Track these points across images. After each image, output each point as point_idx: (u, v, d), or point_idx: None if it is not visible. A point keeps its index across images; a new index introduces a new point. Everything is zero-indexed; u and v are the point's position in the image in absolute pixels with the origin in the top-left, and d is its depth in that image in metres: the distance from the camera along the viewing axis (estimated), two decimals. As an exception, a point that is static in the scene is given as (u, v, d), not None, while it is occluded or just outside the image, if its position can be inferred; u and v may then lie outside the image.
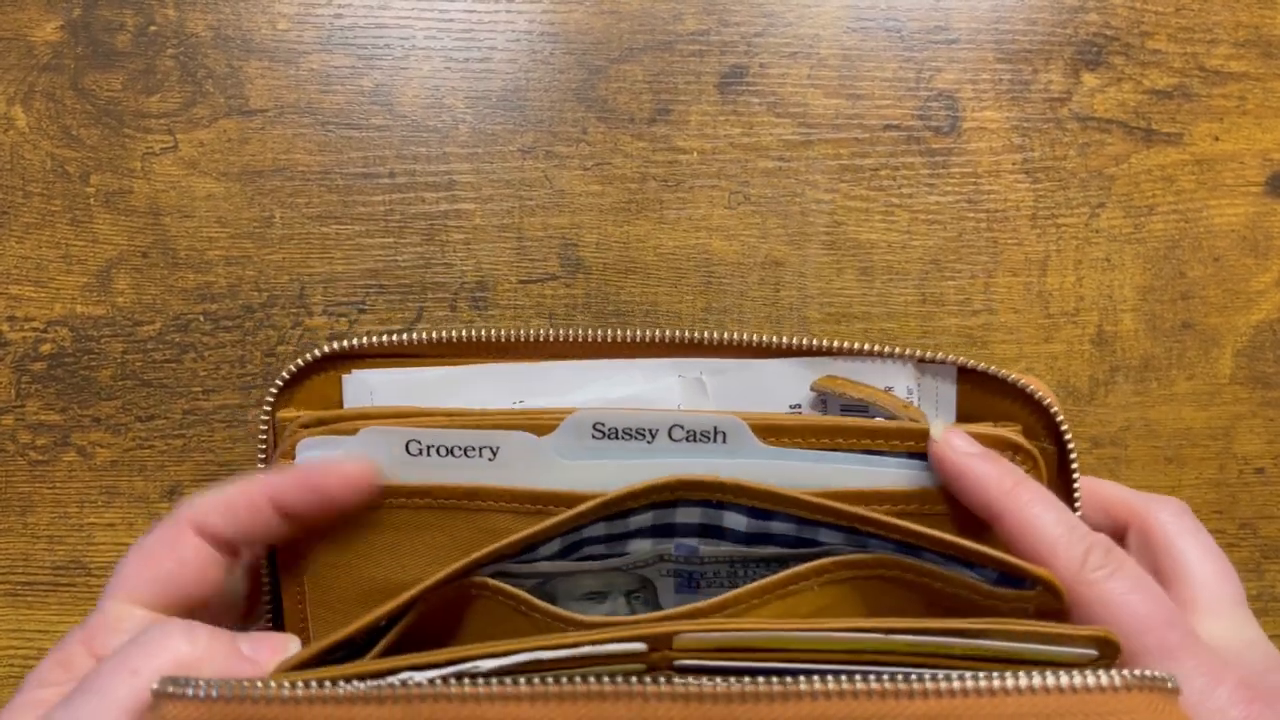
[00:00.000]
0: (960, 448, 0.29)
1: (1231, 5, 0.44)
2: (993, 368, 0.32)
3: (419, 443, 0.29)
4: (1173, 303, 0.44)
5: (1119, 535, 0.31)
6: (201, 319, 0.42)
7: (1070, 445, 0.32)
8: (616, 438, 0.29)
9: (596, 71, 0.42)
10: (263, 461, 0.32)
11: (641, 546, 0.30)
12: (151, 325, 0.42)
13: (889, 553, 0.28)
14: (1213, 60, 0.44)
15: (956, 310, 0.43)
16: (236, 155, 0.42)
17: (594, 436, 0.29)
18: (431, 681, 0.22)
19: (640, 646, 0.24)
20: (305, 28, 0.42)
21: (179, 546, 0.29)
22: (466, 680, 0.22)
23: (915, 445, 0.30)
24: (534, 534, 0.27)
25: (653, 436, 0.29)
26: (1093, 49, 0.44)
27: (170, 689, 0.22)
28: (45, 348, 0.42)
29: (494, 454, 0.29)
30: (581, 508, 0.27)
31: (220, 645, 0.26)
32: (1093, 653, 0.25)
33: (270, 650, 0.27)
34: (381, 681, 0.22)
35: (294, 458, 0.29)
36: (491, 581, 0.28)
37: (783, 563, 0.29)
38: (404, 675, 0.23)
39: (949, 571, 0.28)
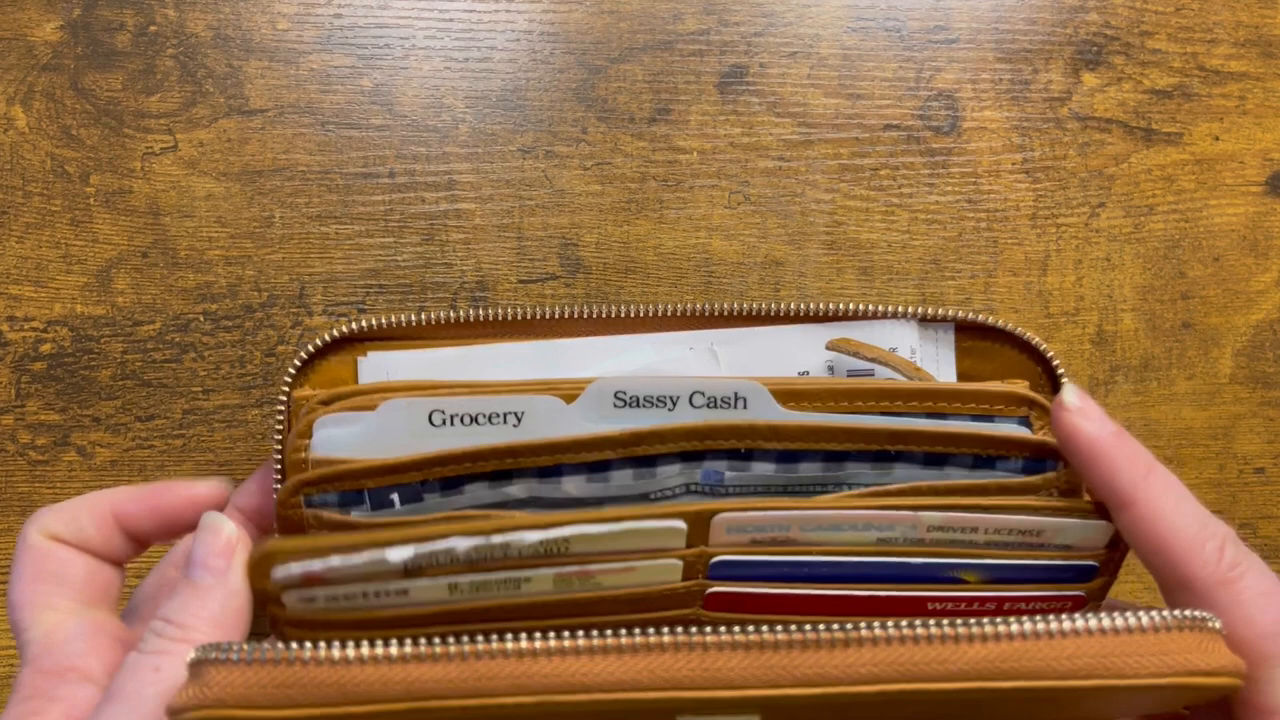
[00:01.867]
0: (1097, 421, 0.27)
1: (1231, 5, 0.44)
2: (991, 318, 0.33)
3: (442, 412, 0.28)
4: (1173, 302, 0.44)
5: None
6: (201, 319, 0.42)
7: (1063, 379, 0.33)
8: (638, 405, 0.29)
9: (596, 71, 0.42)
10: (279, 442, 0.32)
11: (669, 470, 0.30)
12: (151, 325, 0.42)
13: (919, 480, 0.28)
14: (1213, 60, 0.44)
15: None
16: (236, 155, 0.42)
17: (615, 405, 0.29)
18: (487, 638, 0.22)
19: (680, 525, 0.24)
20: (305, 28, 0.42)
21: (47, 560, 0.29)
22: (524, 637, 0.22)
23: (933, 406, 0.30)
24: (557, 443, 0.27)
25: (674, 404, 0.29)
26: (1093, 49, 0.44)
27: (213, 654, 0.22)
28: (45, 348, 0.42)
29: (519, 420, 0.29)
30: (608, 432, 0.27)
31: (203, 605, 0.25)
32: (1109, 525, 0.26)
33: (216, 555, 0.26)
34: (435, 642, 0.22)
35: (311, 436, 0.29)
36: (519, 515, 0.27)
37: (810, 491, 0.29)
38: (450, 542, 0.23)
39: (979, 480, 0.28)
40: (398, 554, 0.23)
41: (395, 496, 0.28)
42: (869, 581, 0.26)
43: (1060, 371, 0.34)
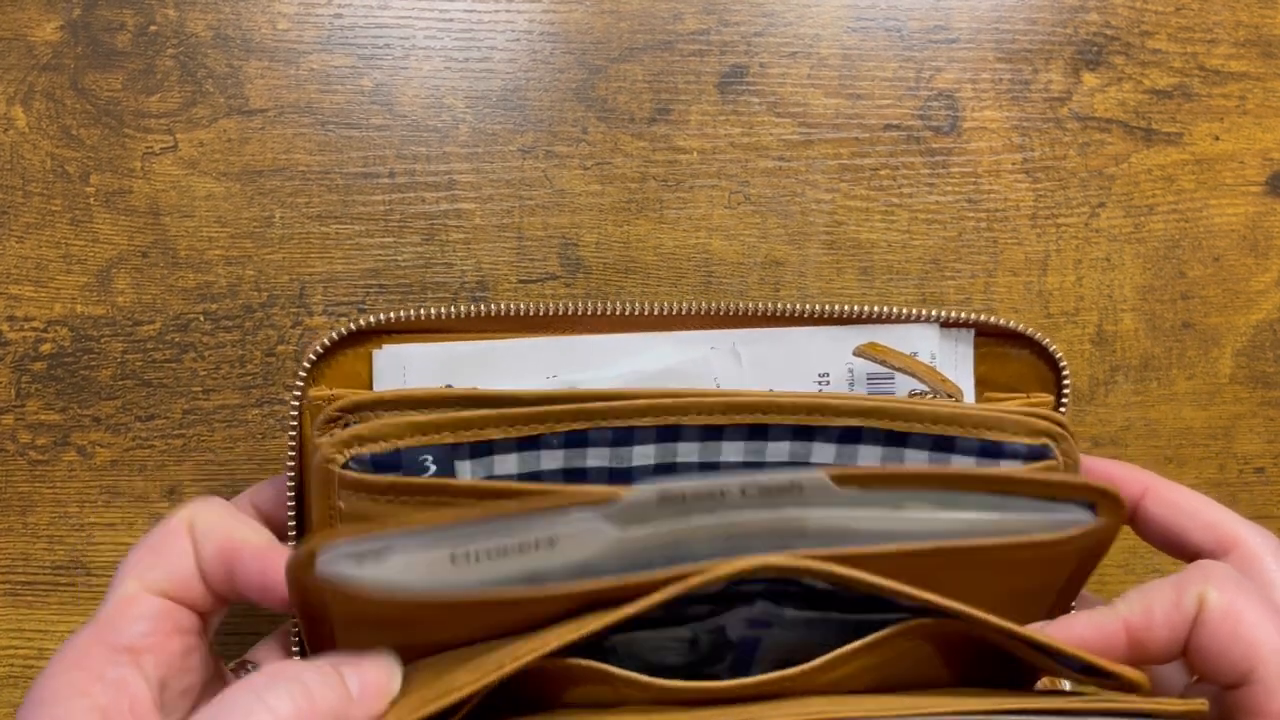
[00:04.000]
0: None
1: (1231, 5, 0.44)
2: (1011, 322, 0.34)
3: (466, 554, 0.25)
4: (1173, 302, 0.44)
5: (1219, 555, 0.31)
6: (201, 319, 0.42)
7: (1065, 396, 0.34)
8: (684, 503, 0.26)
9: (596, 71, 0.42)
10: (292, 450, 0.32)
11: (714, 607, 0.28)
12: (151, 325, 0.42)
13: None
14: (1213, 60, 0.44)
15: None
16: (236, 155, 0.42)
17: (659, 505, 0.26)
18: None
19: None
20: (305, 28, 0.42)
21: (181, 540, 0.29)
22: None
23: (1000, 489, 0.28)
24: (638, 610, 0.25)
25: (723, 496, 0.26)
26: (1093, 49, 0.44)
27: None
28: (45, 348, 0.42)
29: (552, 545, 0.26)
30: (653, 598, 0.25)
31: (333, 693, 0.25)
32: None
33: (375, 690, 0.26)
34: None
35: (313, 568, 0.26)
36: (585, 663, 0.26)
37: (860, 628, 0.28)
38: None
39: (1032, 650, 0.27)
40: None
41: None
42: None
43: (1066, 382, 0.34)
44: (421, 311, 0.33)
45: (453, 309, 0.33)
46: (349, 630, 0.26)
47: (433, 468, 0.29)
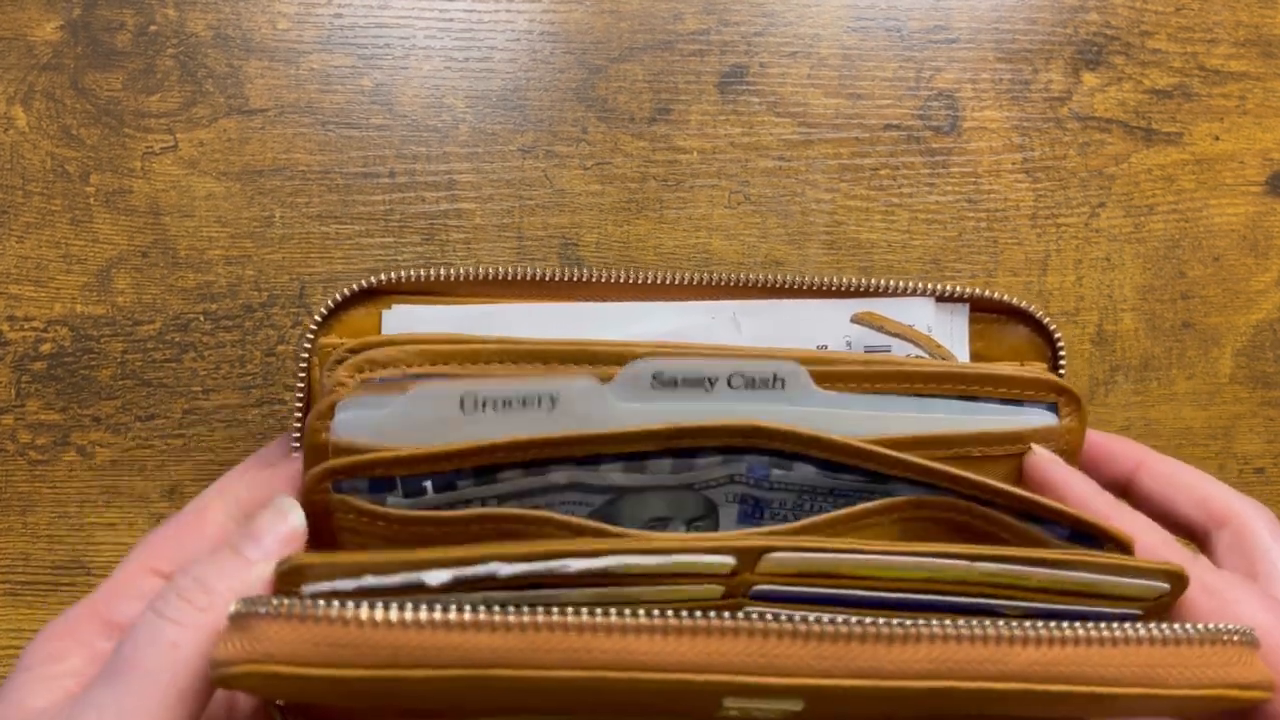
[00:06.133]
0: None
1: (1231, 5, 0.44)
2: (1005, 295, 0.35)
3: (475, 396, 0.27)
4: (1173, 302, 0.44)
5: (1212, 530, 0.31)
6: (201, 318, 0.42)
7: (1062, 368, 0.35)
8: (675, 386, 0.28)
9: (596, 71, 0.42)
10: (300, 395, 0.31)
11: (711, 461, 0.29)
12: (151, 325, 0.42)
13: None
14: (1213, 60, 0.44)
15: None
16: (236, 155, 0.42)
17: (653, 386, 0.28)
18: (547, 610, 0.21)
19: (730, 560, 0.24)
20: (305, 28, 0.42)
21: (203, 522, 0.28)
22: (584, 611, 0.22)
23: (965, 389, 0.30)
24: (594, 436, 0.27)
25: (711, 385, 0.29)
26: (1093, 49, 0.44)
27: (262, 608, 0.21)
28: (45, 347, 0.42)
29: (554, 403, 0.28)
30: (651, 426, 0.27)
31: (234, 572, 0.25)
32: (1164, 585, 0.26)
33: (273, 538, 0.26)
34: (495, 609, 0.21)
35: (332, 418, 0.28)
36: (556, 516, 0.27)
37: (851, 498, 0.29)
38: (491, 566, 0.23)
39: (1020, 524, 0.28)
40: (436, 577, 0.23)
41: (428, 484, 0.28)
42: (911, 610, 0.26)
43: (1062, 355, 0.35)
44: (432, 272, 0.33)
45: (461, 270, 0.33)
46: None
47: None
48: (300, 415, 0.32)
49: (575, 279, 0.34)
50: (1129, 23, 0.44)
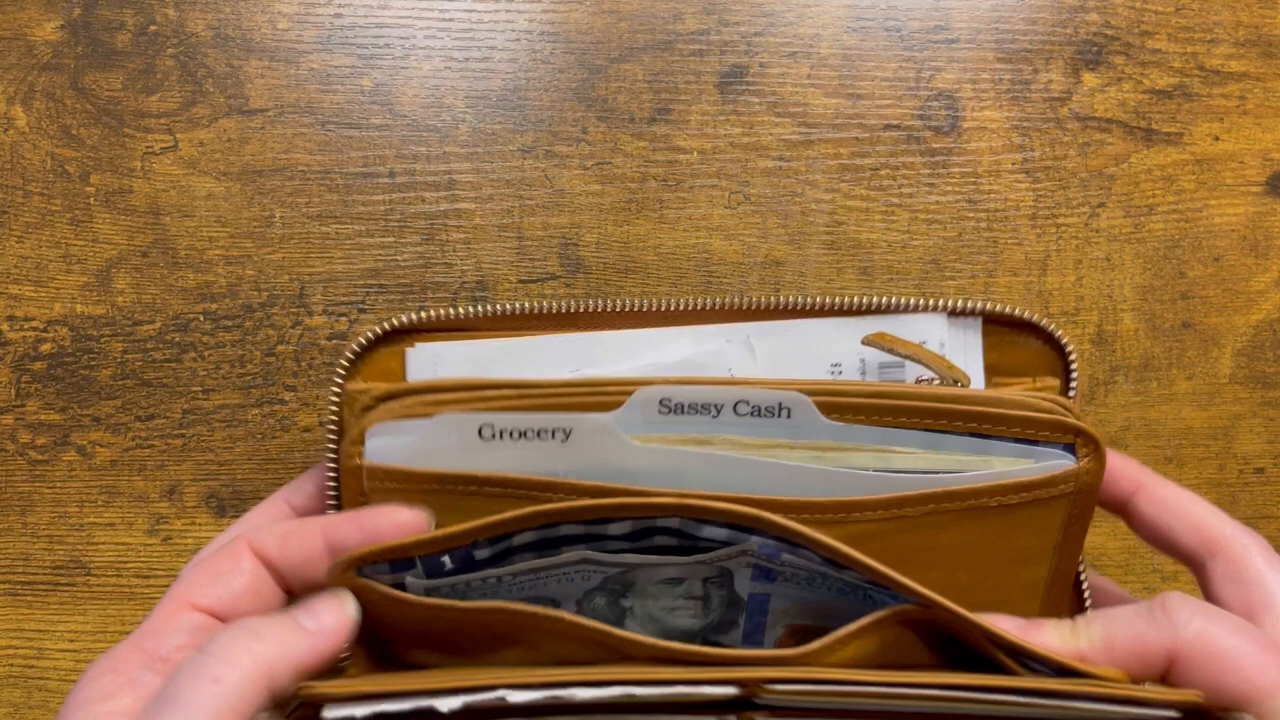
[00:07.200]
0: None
1: (1231, 5, 0.44)
2: (1017, 310, 0.35)
3: (492, 427, 0.29)
4: (1173, 302, 0.44)
5: (1206, 557, 0.31)
6: (201, 319, 0.42)
7: (1073, 383, 0.35)
8: (682, 413, 0.29)
9: (596, 71, 0.42)
10: (333, 438, 0.32)
11: (716, 534, 0.30)
12: (151, 325, 0.42)
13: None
14: (1213, 60, 0.44)
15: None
16: (236, 155, 0.42)
17: (660, 412, 0.29)
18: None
19: (732, 690, 0.25)
20: (305, 27, 0.42)
21: (238, 559, 0.29)
22: None
23: (977, 428, 0.30)
24: (601, 506, 0.28)
25: (717, 411, 0.29)
26: (1093, 49, 0.44)
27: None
28: (45, 347, 0.42)
29: (566, 436, 0.29)
30: (657, 500, 0.28)
31: (286, 632, 0.26)
32: (1175, 715, 0.25)
33: (331, 616, 0.27)
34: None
35: (364, 444, 0.30)
36: (566, 616, 0.27)
37: (860, 591, 0.29)
38: (500, 693, 0.24)
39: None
40: (447, 703, 0.24)
41: (446, 559, 0.29)
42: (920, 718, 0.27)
43: (1074, 370, 0.35)
44: (448, 312, 0.35)
45: (480, 308, 0.35)
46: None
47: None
48: (333, 453, 0.33)
49: (590, 310, 0.35)
50: (1129, 23, 0.44)
